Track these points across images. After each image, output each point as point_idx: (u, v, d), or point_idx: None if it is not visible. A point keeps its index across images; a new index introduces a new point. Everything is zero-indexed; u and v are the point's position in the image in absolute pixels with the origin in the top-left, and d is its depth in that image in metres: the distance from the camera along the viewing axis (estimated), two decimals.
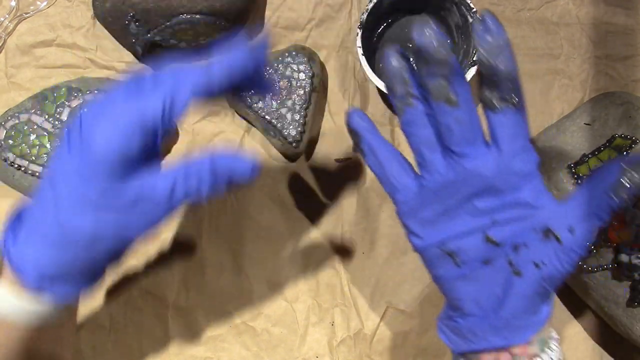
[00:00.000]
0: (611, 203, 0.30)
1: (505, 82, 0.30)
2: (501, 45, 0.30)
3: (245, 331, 0.47)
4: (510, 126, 0.31)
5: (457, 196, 0.33)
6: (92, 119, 0.29)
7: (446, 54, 0.30)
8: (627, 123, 0.41)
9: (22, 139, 0.45)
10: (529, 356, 0.33)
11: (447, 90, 0.31)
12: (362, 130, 0.35)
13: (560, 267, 0.31)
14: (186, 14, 0.44)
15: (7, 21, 0.49)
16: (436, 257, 0.34)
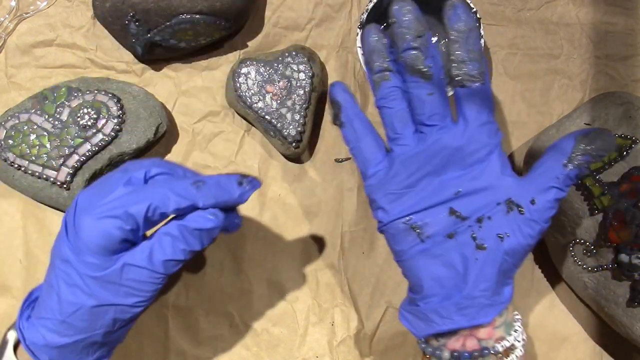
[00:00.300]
0: (568, 173, 0.32)
1: (474, 60, 0.33)
2: (470, 28, 0.33)
3: (245, 331, 0.47)
4: (477, 101, 0.34)
5: (425, 168, 0.34)
6: (84, 209, 0.32)
7: (422, 28, 0.34)
8: (627, 123, 0.41)
9: (22, 139, 0.45)
10: (495, 339, 0.33)
11: (421, 62, 0.34)
12: (344, 101, 0.37)
13: (522, 239, 0.33)
14: (186, 14, 0.44)
15: (7, 21, 0.49)
16: (400, 232, 0.35)
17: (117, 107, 0.45)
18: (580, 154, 0.32)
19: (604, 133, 0.32)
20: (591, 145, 0.32)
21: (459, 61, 0.34)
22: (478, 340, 0.33)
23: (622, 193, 0.40)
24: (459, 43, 0.33)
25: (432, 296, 0.34)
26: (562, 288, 0.46)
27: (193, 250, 0.33)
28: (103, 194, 0.32)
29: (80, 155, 0.44)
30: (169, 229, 0.32)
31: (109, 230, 0.31)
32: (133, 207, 0.31)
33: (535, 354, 0.46)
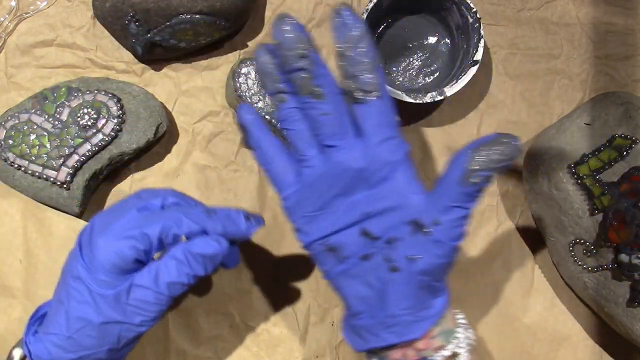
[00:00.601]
0: (466, 191, 0.30)
1: (365, 73, 0.31)
2: (358, 36, 0.31)
3: (245, 331, 0.47)
4: (374, 116, 0.32)
5: (333, 190, 0.33)
6: (100, 230, 0.34)
7: (305, 47, 0.31)
8: (627, 123, 0.41)
9: (22, 139, 0.45)
10: (434, 349, 0.33)
11: (310, 84, 0.32)
12: (250, 125, 0.35)
13: (433, 259, 0.32)
14: (186, 13, 0.44)
15: (7, 21, 0.49)
16: (320, 253, 0.34)
17: (117, 107, 0.45)
18: (472, 170, 0.30)
19: (500, 141, 0.30)
20: (484, 158, 0.30)
21: (349, 75, 0.31)
22: (417, 351, 0.33)
23: (622, 193, 0.40)
24: (347, 55, 0.31)
25: (359, 314, 0.34)
26: (562, 288, 0.46)
27: (197, 275, 0.34)
28: (119, 216, 0.34)
29: (80, 155, 0.44)
30: (175, 252, 0.34)
31: (124, 249, 0.32)
32: (148, 228, 0.33)
33: (535, 354, 0.46)
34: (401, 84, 0.48)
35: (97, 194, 0.48)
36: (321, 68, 0.32)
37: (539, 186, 0.43)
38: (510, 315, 0.46)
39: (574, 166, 0.41)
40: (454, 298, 0.47)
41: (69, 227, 0.48)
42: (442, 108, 0.48)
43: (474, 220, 0.47)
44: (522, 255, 0.47)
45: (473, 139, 0.48)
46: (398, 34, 0.48)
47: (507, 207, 0.47)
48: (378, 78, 0.31)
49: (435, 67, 0.47)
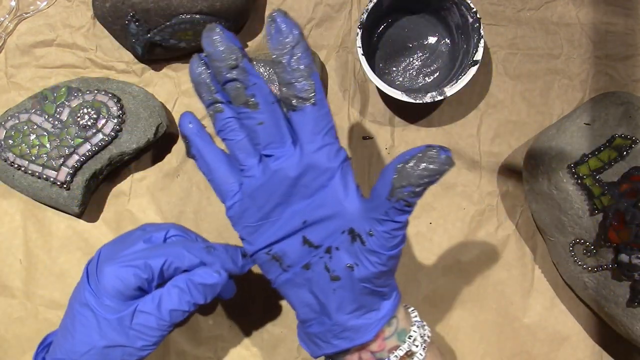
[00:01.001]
0: (394, 206, 0.30)
1: (301, 79, 0.31)
2: (293, 43, 0.30)
3: (245, 331, 0.47)
4: (310, 124, 0.31)
5: (273, 200, 0.33)
6: (106, 259, 0.36)
7: (236, 57, 0.31)
8: (627, 123, 0.41)
9: (22, 139, 0.45)
10: (389, 350, 0.33)
11: (243, 94, 0.32)
12: (192, 135, 0.35)
13: (371, 267, 0.32)
14: (186, 13, 0.44)
15: (7, 21, 0.49)
16: (266, 262, 0.35)
17: (117, 107, 0.45)
18: (399, 186, 0.29)
19: (428, 155, 0.29)
20: (411, 174, 0.29)
21: (285, 83, 0.31)
22: (372, 353, 0.33)
23: (622, 193, 0.40)
24: (282, 63, 0.31)
25: (308, 321, 0.34)
26: (562, 288, 0.46)
27: (197, 303, 0.35)
28: (125, 247, 0.36)
29: (80, 155, 0.44)
30: (178, 281, 0.35)
31: (127, 277, 0.34)
32: (152, 260, 0.35)
33: (535, 354, 0.46)
34: (401, 84, 0.48)
35: (97, 194, 0.48)
36: (254, 77, 0.32)
37: (539, 186, 0.43)
38: (510, 315, 0.46)
39: (574, 166, 0.41)
40: (454, 298, 0.47)
41: (69, 227, 0.48)
42: (442, 108, 0.48)
43: (473, 221, 0.47)
44: (522, 255, 0.47)
45: (473, 139, 0.48)
46: (398, 34, 0.48)
47: (507, 207, 0.47)
48: (314, 85, 0.31)
49: (435, 67, 0.47)
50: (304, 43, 0.31)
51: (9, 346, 0.47)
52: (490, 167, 0.48)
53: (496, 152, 0.48)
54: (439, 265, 0.47)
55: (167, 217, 0.48)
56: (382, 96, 0.49)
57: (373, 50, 0.48)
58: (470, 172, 0.48)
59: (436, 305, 0.47)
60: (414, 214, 0.47)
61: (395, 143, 0.48)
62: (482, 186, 0.48)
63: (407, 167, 0.29)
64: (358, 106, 0.48)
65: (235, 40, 0.31)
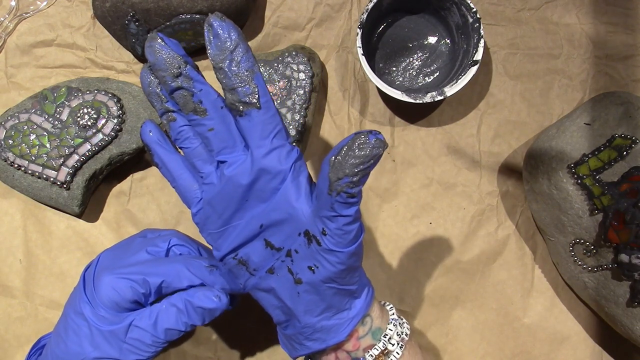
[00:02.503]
0: (336, 200, 0.29)
1: (243, 84, 0.30)
2: (231, 47, 0.30)
3: (246, 331, 0.47)
4: (257, 128, 0.31)
5: (231, 206, 0.33)
6: (105, 268, 0.35)
7: (178, 64, 0.31)
8: (627, 123, 0.41)
9: (22, 139, 0.45)
10: (364, 349, 0.33)
11: (190, 101, 0.31)
12: (153, 143, 0.35)
13: (331, 267, 0.31)
14: (186, 13, 0.44)
15: (7, 21, 0.49)
16: (234, 267, 0.35)
17: (117, 107, 0.45)
18: (335, 178, 0.29)
19: (357, 142, 0.28)
20: (344, 164, 0.28)
21: (228, 89, 0.31)
22: (347, 352, 0.33)
23: (622, 193, 0.40)
24: (222, 69, 0.30)
25: (282, 323, 0.35)
26: (562, 288, 0.46)
27: (194, 325, 0.35)
28: (124, 256, 0.36)
29: (80, 155, 0.44)
30: (176, 301, 0.35)
31: (124, 289, 0.34)
32: (151, 277, 0.34)
33: (536, 354, 0.46)
34: (401, 84, 0.48)
35: (97, 194, 0.48)
36: (199, 84, 0.31)
37: (539, 186, 0.43)
38: (510, 315, 0.46)
39: (574, 166, 0.41)
40: (454, 298, 0.47)
41: (69, 227, 0.48)
42: (442, 108, 0.48)
43: (474, 220, 0.47)
44: (522, 255, 0.47)
45: (473, 139, 0.48)
46: (398, 34, 0.48)
47: (507, 207, 0.47)
48: (256, 88, 0.30)
49: (435, 67, 0.47)
50: (244, 46, 0.30)
51: (9, 346, 0.48)
52: (490, 167, 0.48)
53: (496, 152, 0.48)
54: (439, 265, 0.47)
55: (167, 217, 0.48)
56: (382, 96, 0.49)
57: (373, 50, 0.48)
58: (470, 172, 0.48)
59: (437, 305, 0.47)
60: (414, 213, 0.47)
61: (395, 143, 0.48)
62: (482, 186, 0.48)
63: (339, 159, 0.29)
64: (358, 106, 0.48)
65: (178, 48, 0.31)
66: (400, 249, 0.47)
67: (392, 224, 0.47)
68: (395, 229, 0.47)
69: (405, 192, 0.48)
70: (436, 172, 0.48)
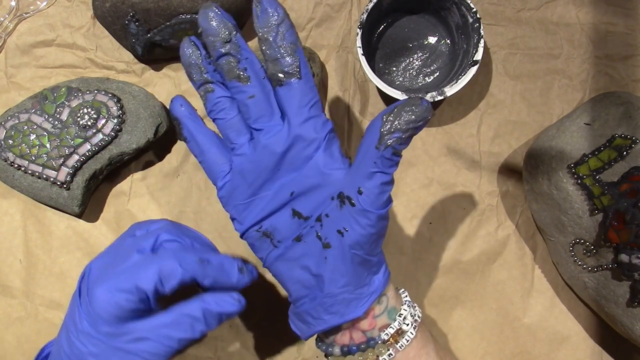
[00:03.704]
0: (383, 154, 0.31)
1: (286, 55, 0.32)
2: (278, 21, 0.32)
3: (246, 331, 0.47)
4: (296, 97, 0.33)
5: (262, 175, 0.34)
6: (96, 279, 0.32)
7: (229, 32, 0.33)
8: (627, 123, 0.41)
9: (22, 139, 0.45)
10: (379, 328, 0.34)
11: (236, 67, 0.33)
12: (184, 117, 0.36)
13: (361, 229, 0.32)
14: (186, 13, 0.44)
15: (7, 21, 0.49)
16: (256, 240, 0.35)
17: (117, 107, 0.45)
18: (387, 132, 0.30)
19: (410, 103, 0.30)
20: (397, 120, 0.30)
21: (271, 59, 0.33)
22: (363, 332, 0.34)
23: (622, 193, 0.40)
24: (268, 40, 0.32)
25: (301, 298, 0.35)
26: (562, 288, 0.46)
27: (210, 330, 0.34)
28: (115, 262, 0.33)
29: (80, 155, 0.44)
30: (191, 310, 0.33)
31: (120, 302, 0.31)
32: (142, 282, 0.32)
33: (536, 354, 0.46)
34: (401, 84, 0.48)
35: (97, 194, 0.48)
36: (246, 52, 0.33)
37: (539, 186, 0.43)
38: (510, 315, 0.46)
39: (574, 166, 0.41)
40: (454, 298, 0.47)
41: (69, 227, 0.48)
42: (442, 108, 0.48)
43: (474, 220, 0.47)
44: (522, 255, 0.47)
45: (473, 139, 0.48)
46: (398, 34, 0.48)
47: (507, 207, 0.47)
48: (298, 60, 0.33)
49: (435, 67, 0.47)
50: (288, 22, 0.33)
51: (9, 346, 0.48)
52: (490, 167, 0.48)
53: (496, 152, 0.48)
54: (439, 265, 0.47)
55: (167, 217, 0.48)
56: (382, 96, 0.49)
57: (373, 50, 0.48)
58: (470, 172, 0.48)
59: (436, 305, 0.47)
60: (414, 213, 0.47)
61: None
62: (482, 186, 0.48)
63: (393, 115, 0.30)
64: (358, 106, 0.48)
65: (229, 18, 0.33)
66: (400, 249, 0.47)
67: (392, 224, 0.47)
68: (394, 229, 0.47)
69: (405, 192, 0.48)
70: (436, 172, 0.48)
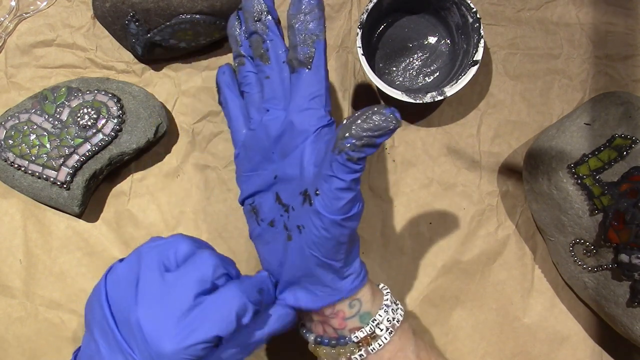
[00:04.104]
0: (337, 159, 0.29)
1: (304, 44, 0.33)
2: (307, 11, 0.33)
3: None
4: (302, 86, 0.33)
5: (260, 153, 0.35)
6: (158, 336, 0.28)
7: (261, 11, 0.34)
8: (627, 123, 0.41)
9: (22, 139, 0.45)
10: (350, 330, 0.34)
11: (260, 46, 0.35)
12: (223, 84, 0.39)
13: (315, 230, 0.31)
14: (186, 13, 0.44)
15: (7, 21, 0.49)
16: (248, 212, 0.37)
17: (117, 107, 0.45)
18: (342, 137, 0.29)
19: (373, 111, 0.29)
20: (353, 126, 0.29)
21: (292, 46, 0.34)
22: (334, 329, 0.34)
23: (622, 193, 0.40)
24: (292, 27, 0.33)
25: (276, 277, 0.35)
26: (562, 288, 0.46)
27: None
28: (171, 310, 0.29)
29: (80, 155, 0.44)
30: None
31: (197, 352, 0.28)
32: (222, 329, 0.29)
33: (536, 354, 0.46)
34: (401, 84, 0.48)
35: (97, 194, 0.48)
36: (272, 34, 0.35)
37: (539, 186, 0.43)
38: (510, 315, 0.46)
39: (574, 166, 0.41)
40: (454, 298, 0.47)
41: (69, 227, 0.48)
42: (442, 108, 0.48)
43: (474, 220, 0.47)
44: (522, 255, 0.47)
45: (473, 139, 0.48)
46: (398, 34, 0.48)
47: (507, 207, 0.47)
48: (315, 52, 0.33)
49: (435, 67, 0.47)
50: (318, 13, 0.33)
51: (8, 346, 0.48)
52: (490, 167, 0.48)
53: (496, 152, 0.48)
54: (439, 265, 0.47)
55: (167, 218, 0.48)
56: (382, 96, 0.49)
57: (373, 50, 0.48)
58: (470, 172, 0.48)
59: (436, 305, 0.47)
60: (414, 213, 0.47)
61: (395, 143, 0.48)
62: (482, 186, 0.48)
63: (350, 120, 0.29)
64: (358, 106, 0.48)
65: (268, 1, 0.35)
66: (400, 249, 0.47)
67: (392, 224, 0.47)
68: (395, 229, 0.47)
69: (405, 192, 0.48)
70: (436, 172, 0.48)
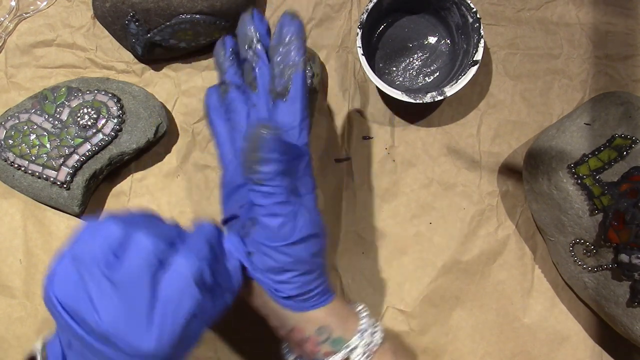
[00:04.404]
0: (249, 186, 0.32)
1: (281, 76, 0.33)
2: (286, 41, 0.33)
3: (245, 330, 0.47)
4: (279, 117, 0.34)
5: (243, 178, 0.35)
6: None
7: (252, 40, 0.34)
8: (627, 123, 0.41)
9: (22, 139, 0.45)
10: (324, 354, 0.34)
11: (250, 74, 0.35)
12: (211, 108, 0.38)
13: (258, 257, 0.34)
14: (186, 13, 0.44)
15: (7, 21, 0.49)
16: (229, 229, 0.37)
17: (117, 107, 0.45)
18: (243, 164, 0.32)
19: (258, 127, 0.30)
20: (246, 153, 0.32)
21: (272, 77, 0.34)
22: (308, 352, 0.34)
23: (622, 193, 0.40)
24: (273, 59, 0.34)
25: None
26: (562, 288, 0.46)
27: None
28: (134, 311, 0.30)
29: (80, 155, 0.44)
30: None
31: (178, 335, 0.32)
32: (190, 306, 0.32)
33: (536, 354, 0.46)
34: (401, 84, 0.48)
35: (97, 194, 0.48)
36: (262, 63, 0.34)
37: (539, 186, 0.43)
38: (510, 315, 0.46)
39: (574, 166, 0.41)
40: (454, 298, 0.47)
41: (69, 227, 0.48)
42: (442, 108, 0.48)
43: (474, 220, 0.47)
44: (522, 255, 0.47)
45: (473, 139, 0.48)
46: (398, 34, 0.48)
47: (507, 207, 0.47)
48: (292, 84, 0.33)
49: (435, 67, 0.47)
50: (297, 44, 0.33)
51: (9, 346, 0.48)
52: (490, 167, 0.48)
53: (496, 152, 0.48)
54: (439, 265, 0.47)
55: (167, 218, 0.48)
56: (382, 96, 0.49)
57: (373, 50, 0.48)
58: (470, 172, 0.48)
59: (437, 305, 0.47)
60: (414, 213, 0.47)
61: (395, 143, 0.48)
62: (482, 186, 0.48)
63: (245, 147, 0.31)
64: (358, 106, 0.48)
65: (261, 26, 0.35)
66: (400, 249, 0.47)
67: (392, 224, 0.47)
68: (395, 229, 0.47)
69: (405, 192, 0.48)
70: (436, 172, 0.48)
